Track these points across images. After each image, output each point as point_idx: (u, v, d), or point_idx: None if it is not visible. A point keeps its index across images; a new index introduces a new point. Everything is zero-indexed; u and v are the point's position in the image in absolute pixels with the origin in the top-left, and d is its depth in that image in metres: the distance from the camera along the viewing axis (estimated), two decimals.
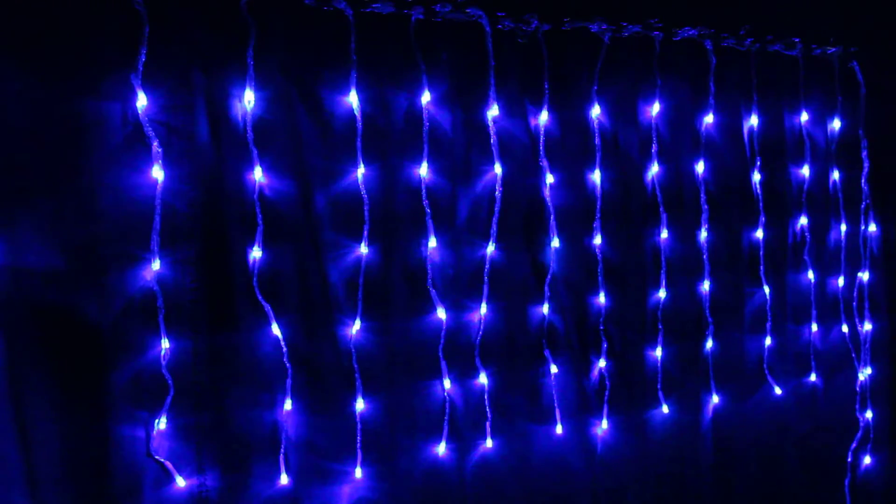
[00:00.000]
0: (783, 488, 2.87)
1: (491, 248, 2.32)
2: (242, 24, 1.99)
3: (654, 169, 2.57)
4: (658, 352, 2.60)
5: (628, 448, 2.56)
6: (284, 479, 2.08)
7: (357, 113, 2.13)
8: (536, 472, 2.43)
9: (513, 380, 2.38)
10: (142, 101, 1.88)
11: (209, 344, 2.00)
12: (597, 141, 2.47)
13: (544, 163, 2.39)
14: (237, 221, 2.03)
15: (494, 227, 2.31)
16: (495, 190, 2.31)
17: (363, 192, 2.14)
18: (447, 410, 2.29)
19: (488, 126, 2.31)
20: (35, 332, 1.81)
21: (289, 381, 2.08)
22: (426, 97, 2.21)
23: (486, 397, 2.33)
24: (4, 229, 1.78)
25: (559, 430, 2.44)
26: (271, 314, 2.05)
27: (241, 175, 2.02)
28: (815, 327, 2.88)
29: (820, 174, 2.89)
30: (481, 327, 2.32)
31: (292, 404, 2.09)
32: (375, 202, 2.17)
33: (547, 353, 2.42)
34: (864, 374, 2.95)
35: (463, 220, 2.30)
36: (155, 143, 1.90)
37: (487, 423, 2.34)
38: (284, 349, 2.07)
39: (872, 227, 2.95)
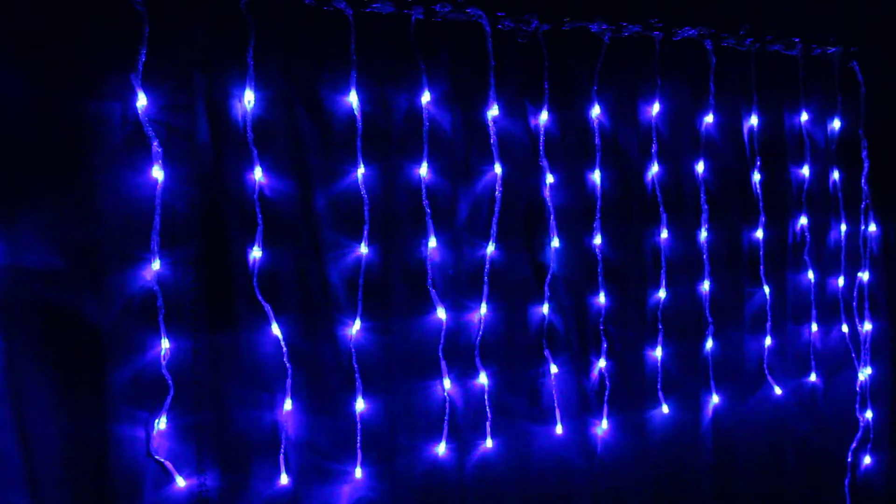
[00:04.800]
0: (783, 488, 2.87)
1: (491, 248, 2.32)
2: (242, 24, 1.99)
3: (654, 169, 2.57)
4: (658, 352, 2.60)
5: (628, 448, 2.56)
6: (284, 479, 2.09)
7: (357, 113, 2.13)
8: (536, 472, 2.43)
9: (513, 380, 2.38)
10: (142, 101, 1.88)
11: (209, 344, 2.00)
12: (597, 141, 2.47)
13: (544, 163, 2.39)
14: (237, 221, 2.03)
15: (494, 227, 2.31)
16: (495, 190, 2.31)
17: (363, 192, 2.14)
18: (447, 410, 2.29)
19: (488, 126, 2.31)
20: (35, 332, 1.81)
21: (289, 381, 2.08)
22: (426, 97, 2.21)
23: (486, 397, 2.33)
24: (4, 229, 1.78)
25: (559, 430, 2.44)
26: (271, 314, 2.05)
27: (241, 175, 2.02)
28: (815, 327, 2.88)
29: (820, 174, 2.89)
30: (481, 327, 2.32)
31: (292, 404, 2.09)
32: (375, 202, 2.17)
33: (547, 353, 2.42)
34: (864, 374, 2.95)
35: (463, 220, 2.30)
36: (155, 143, 1.90)
37: (487, 423, 2.34)
38: (284, 349, 2.07)
39: (872, 227, 2.95)
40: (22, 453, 1.80)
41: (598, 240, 2.48)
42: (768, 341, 2.78)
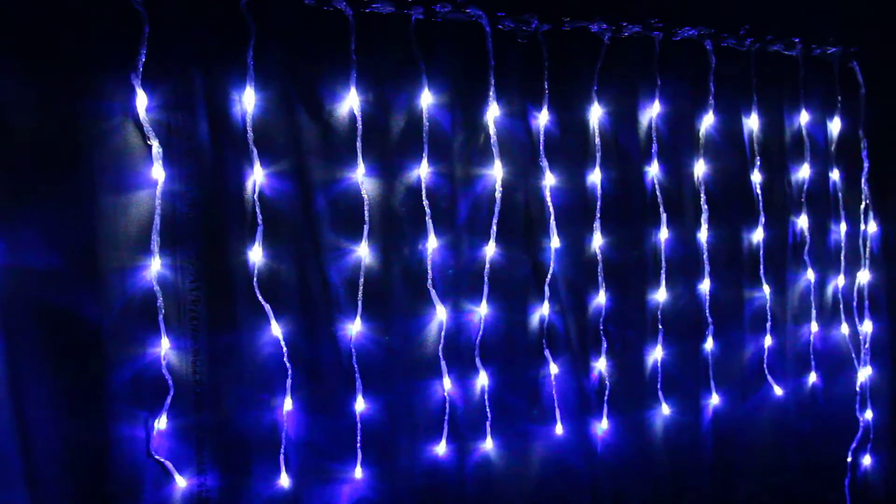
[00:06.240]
0: (783, 488, 2.86)
1: (491, 248, 2.32)
2: (242, 24, 1.99)
3: (654, 169, 2.57)
4: (658, 352, 2.60)
5: (628, 448, 2.56)
6: (284, 479, 2.09)
7: (357, 113, 2.13)
8: (536, 472, 2.43)
9: (513, 380, 2.38)
10: (142, 101, 1.88)
11: (209, 344, 2.00)
12: (597, 141, 2.47)
13: (544, 163, 2.39)
14: (237, 221, 2.03)
15: (494, 227, 2.31)
16: (495, 190, 2.31)
17: (363, 192, 2.14)
18: (447, 410, 2.29)
19: (488, 126, 2.30)
20: (35, 332, 1.81)
21: (289, 381, 2.08)
22: (426, 97, 2.21)
23: (486, 397, 2.33)
24: (4, 229, 1.78)
25: (559, 430, 2.44)
26: (271, 314, 2.05)
27: (241, 175, 2.02)
28: (815, 327, 2.88)
29: (820, 174, 2.89)
30: (481, 327, 2.32)
31: (292, 404, 2.09)
32: (375, 202, 2.17)
33: (547, 353, 2.42)
34: (864, 374, 2.95)
35: (463, 220, 2.30)
36: (155, 143, 1.90)
37: (487, 423, 2.34)
38: (284, 349, 2.07)
39: (872, 227, 2.95)
40: (22, 453, 1.80)
41: (598, 240, 2.48)
42: (768, 341, 2.78)
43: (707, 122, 2.65)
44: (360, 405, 2.16)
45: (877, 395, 2.98)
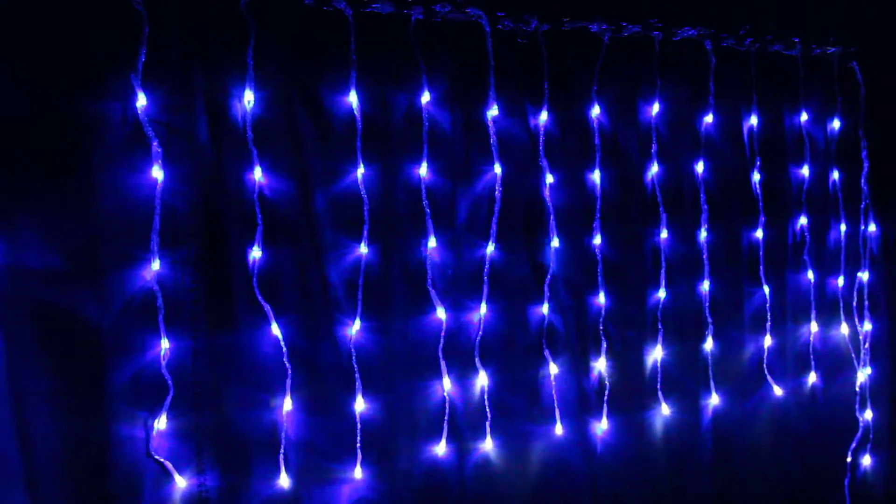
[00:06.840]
0: (783, 488, 2.86)
1: (491, 248, 2.32)
2: (242, 24, 1.99)
3: (654, 169, 2.57)
4: (658, 352, 2.60)
5: (628, 448, 2.56)
6: (284, 479, 2.09)
7: (357, 113, 2.13)
8: (536, 472, 2.43)
9: (513, 380, 2.38)
10: (142, 101, 1.88)
11: (209, 344, 1.99)
12: (597, 141, 2.47)
13: (544, 163, 2.39)
14: (237, 221, 2.03)
15: (494, 227, 2.31)
16: (495, 190, 2.31)
17: (363, 192, 2.14)
18: (447, 410, 2.29)
19: (488, 126, 2.31)
20: (35, 332, 1.81)
21: (289, 381, 2.08)
22: (426, 97, 2.21)
23: (486, 397, 2.33)
24: (4, 229, 1.78)
25: (559, 430, 2.44)
26: (271, 314, 2.05)
27: (241, 175, 2.02)
28: (815, 327, 2.88)
29: (820, 174, 2.89)
30: (481, 327, 2.32)
31: (292, 404, 2.09)
32: (375, 202, 2.17)
33: (547, 353, 2.42)
34: (864, 374, 2.95)
35: (463, 220, 2.30)
36: (155, 143, 1.90)
37: (487, 423, 2.34)
38: (284, 349, 2.06)
39: (872, 227, 2.95)
40: (22, 453, 1.80)
41: (598, 240, 2.48)
42: (768, 341, 2.78)
43: (707, 122, 2.65)
44: (360, 405, 2.16)
45: (877, 395, 2.98)
